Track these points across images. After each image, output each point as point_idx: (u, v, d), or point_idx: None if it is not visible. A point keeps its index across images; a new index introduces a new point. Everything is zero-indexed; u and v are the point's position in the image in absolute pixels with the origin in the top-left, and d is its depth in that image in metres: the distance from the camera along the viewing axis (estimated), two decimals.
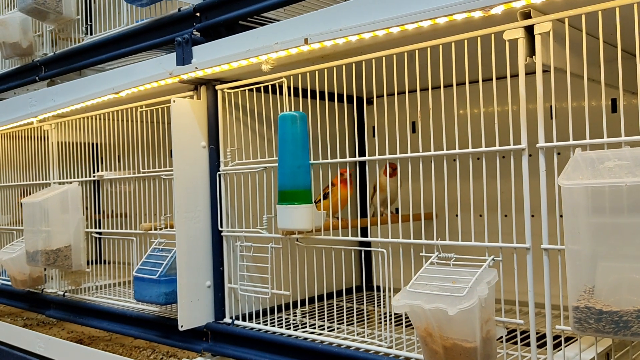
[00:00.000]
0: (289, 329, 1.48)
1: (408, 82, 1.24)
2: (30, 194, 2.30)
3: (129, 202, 1.93)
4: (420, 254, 1.22)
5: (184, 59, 1.57)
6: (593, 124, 1.03)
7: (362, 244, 1.90)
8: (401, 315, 1.53)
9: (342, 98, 2.02)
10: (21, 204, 2.15)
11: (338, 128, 1.45)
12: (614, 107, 1.56)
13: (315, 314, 1.54)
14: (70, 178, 2.14)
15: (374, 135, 2.05)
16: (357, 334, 1.41)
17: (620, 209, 0.89)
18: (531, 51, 1.08)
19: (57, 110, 2.04)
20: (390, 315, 1.34)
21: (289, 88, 1.45)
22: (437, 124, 1.23)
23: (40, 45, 2.29)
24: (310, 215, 1.40)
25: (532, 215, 1.09)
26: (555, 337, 1.12)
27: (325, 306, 1.50)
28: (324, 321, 1.50)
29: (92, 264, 2.23)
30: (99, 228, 2.26)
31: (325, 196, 1.53)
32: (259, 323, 1.56)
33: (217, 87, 1.62)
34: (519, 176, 1.09)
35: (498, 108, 1.15)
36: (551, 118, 1.07)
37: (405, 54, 1.24)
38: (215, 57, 1.48)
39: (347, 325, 1.56)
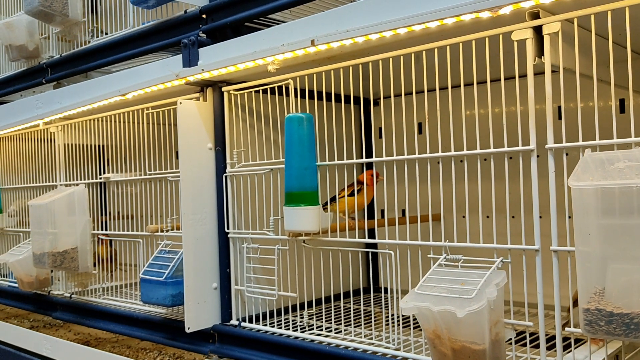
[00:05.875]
0: (296, 330, 1.48)
1: (415, 83, 1.23)
2: (35, 196, 2.31)
3: (136, 204, 1.93)
4: (428, 255, 1.21)
5: (190, 61, 1.57)
6: (601, 124, 1.02)
7: (369, 245, 1.89)
8: (408, 317, 1.52)
9: (349, 99, 2.02)
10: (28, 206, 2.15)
11: (345, 129, 1.45)
12: (622, 108, 1.56)
13: (322, 315, 1.53)
14: (77, 180, 2.14)
15: (380, 137, 2.04)
16: (364, 336, 1.41)
17: (631, 211, 0.88)
18: (540, 52, 1.08)
19: (63, 112, 2.04)
20: (398, 317, 1.33)
21: (295, 89, 1.45)
22: (445, 125, 1.23)
23: (46, 48, 2.29)
24: (317, 216, 1.39)
25: (540, 217, 1.09)
26: (565, 339, 1.11)
27: (332, 308, 1.50)
28: (330, 323, 1.49)
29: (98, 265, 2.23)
30: (106, 230, 2.26)
31: (358, 192, 1.52)
32: (266, 325, 1.55)
33: (223, 88, 1.62)
34: (528, 177, 1.08)
35: (506, 109, 1.15)
36: (559, 118, 1.06)
37: (412, 55, 1.24)
38: (221, 59, 1.48)
39: (354, 327, 1.55)
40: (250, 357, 1.51)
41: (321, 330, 1.47)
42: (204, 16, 1.62)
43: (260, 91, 1.59)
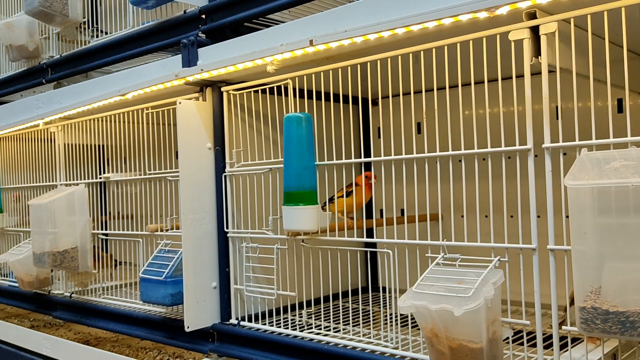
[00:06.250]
0: (295, 330, 1.49)
1: (413, 83, 1.24)
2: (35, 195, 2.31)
3: (135, 204, 1.93)
4: (426, 254, 1.22)
5: (190, 61, 1.58)
6: (599, 124, 1.03)
7: (367, 244, 1.90)
8: (407, 316, 1.53)
9: (348, 99, 2.02)
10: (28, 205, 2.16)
11: (343, 129, 1.45)
12: (619, 108, 1.56)
13: (320, 314, 1.54)
14: (77, 180, 2.15)
15: (379, 136, 2.05)
16: (363, 335, 1.41)
17: (627, 209, 0.89)
18: (537, 51, 1.08)
19: (63, 112, 2.05)
20: (396, 316, 1.34)
21: (294, 89, 1.45)
22: (443, 125, 1.23)
23: (46, 48, 2.30)
24: (315, 216, 1.40)
25: (538, 216, 1.09)
26: (562, 338, 1.12)
27: (331, 307, 1.50)
28: (329, 322, 1.50)
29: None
30: (106, 229, 2.27)
31: (347, 194, 1.54)
32: (265, 324, 1.56)
33: (222, 88, 1.62)
34: (525, 177, 1.09)
35: (503, 109, 1.15)
36: (557, 118, 1.07)
37: (411, 55, 1.24)
38: (220, 59, 1.49)
39: (353, 326, 1.56)
40: (249, 355, 1.51)
41: (320, 329, 1.48)
42: (203, 16, 1.63)
43: (260, 91, 1.59)
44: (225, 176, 1.62)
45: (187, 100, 1.60)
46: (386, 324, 1.52)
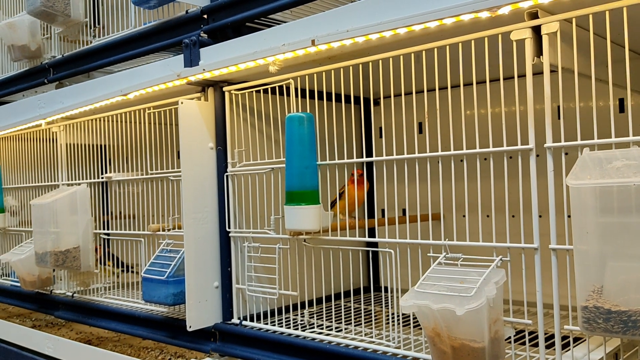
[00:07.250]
0: (297, 329, 1.49)
1: (415, 83, 1.24)
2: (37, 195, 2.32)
3: (137, 204, 1.94)
4: (428, 254, 1.22)
5: (192, 61, 1.58)
6: (600, 124, 1.03)
7: (369, 244, 1.90)
8: (409, 316, 1.53)
9: (350, 99, 2.02)
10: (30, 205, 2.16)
11: (345, 129, 1.45)
12: (621, 107, 1.56)
13: (322, 314, 1.54)
14: (79, 180, 2.15)
15: (381, 136, 2.05)
16: (365, 335, 1.42)
17: (629, 209, 0.89)
18: (538, 51, 1.08)
19: (65, 112, 2.05)
20: (398, 316, 1.34)
21: (296, 89, 1.45)
22: (444, 125, 1.23)
23: (48, 48, 2.30)
24: (317, 215, 1.40)
25: (540, 216, 1.09)
26: (564, 338, 1.12)
27: (333, 307, 1.50)
28: (331, 322, 1.50)
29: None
30: (108, 229, 2.27)
31: (340, 196, 1.54)
32: (267, 323, 1.56)
33: (224, 88, 1.63)
34: (527, 176, 1.09)
35: (505, 108, 1.15)
36: (559, 118, 1.07)
37: (412, 54, 1.25)
38: (222, 59, 1.49)
39: (355, 325, 1.56)
40: (251, 355, 1.51)
41: (322, 328, 1.48)
42: (205, 16, 1.63)
43: (261, 91, 1.59)
44: (227, 176, 1.62)
45: (189, 100, 1.60)
46: (388, 323, 1.52)
